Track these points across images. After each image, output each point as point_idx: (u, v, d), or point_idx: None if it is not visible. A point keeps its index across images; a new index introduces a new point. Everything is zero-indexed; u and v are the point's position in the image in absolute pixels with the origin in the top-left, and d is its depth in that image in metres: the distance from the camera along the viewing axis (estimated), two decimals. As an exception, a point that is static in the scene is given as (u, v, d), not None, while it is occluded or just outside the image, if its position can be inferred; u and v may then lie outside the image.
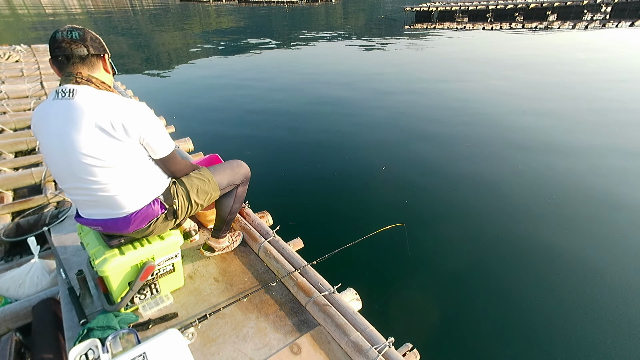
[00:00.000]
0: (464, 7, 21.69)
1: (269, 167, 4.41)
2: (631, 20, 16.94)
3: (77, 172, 1.20)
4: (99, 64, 1.27)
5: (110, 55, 1.33)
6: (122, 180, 1.26)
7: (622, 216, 3.37)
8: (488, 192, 3.82)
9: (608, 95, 6.77)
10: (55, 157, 1.21)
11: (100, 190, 1.25)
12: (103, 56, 1.28)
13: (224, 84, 8.59)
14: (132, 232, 1.40)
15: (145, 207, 1.36)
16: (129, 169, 1.26)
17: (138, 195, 1.33)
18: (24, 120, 4.09)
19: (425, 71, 9.44)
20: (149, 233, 1.46)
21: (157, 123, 1.28)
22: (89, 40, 1.22)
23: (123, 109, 1.19)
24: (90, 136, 1.15)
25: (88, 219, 1.36)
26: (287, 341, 1.48)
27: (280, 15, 29.32)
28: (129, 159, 1.24)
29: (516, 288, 2.66)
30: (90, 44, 1.22)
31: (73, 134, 1.15)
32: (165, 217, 1.45)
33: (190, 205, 1.54)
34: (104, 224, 1.36)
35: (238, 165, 1.76)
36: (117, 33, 19.00)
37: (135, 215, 1.35)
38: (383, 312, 2.45)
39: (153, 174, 1.37)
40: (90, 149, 1.16)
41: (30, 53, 7.82)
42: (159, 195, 1.41)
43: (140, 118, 1.22)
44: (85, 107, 1.15)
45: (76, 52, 1.19)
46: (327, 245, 1.91)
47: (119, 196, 1.28)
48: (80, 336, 1.34)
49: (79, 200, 1.32)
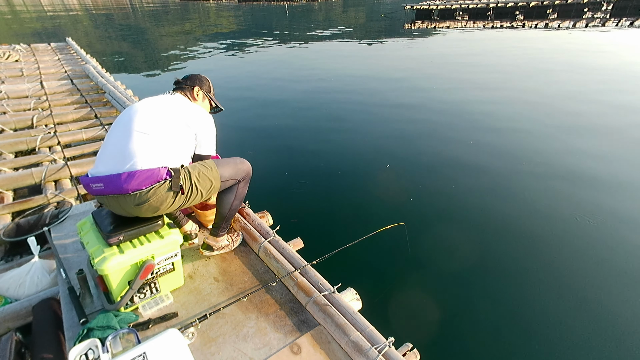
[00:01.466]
0: (465, 5, 21.65)
1: (269, 167, 4.41)
2: (632, 18, 16.90)
3: (135, 120, 1.51)
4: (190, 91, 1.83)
5: (211, 92, 1.94)
6: (156, 138, 1.49)
7: (622, 216, 3.37)
8: (488, 192, 3.82)
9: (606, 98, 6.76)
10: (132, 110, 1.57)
11: (136, 137, 1.46)
12: (193, 87, 1.84)
13: (224, 84, 8.58)
14: (131, 191, 1.39)
15: (152, 169, 1.43)
16: (167, 136, 1.53)
17: (156, 155, 1.47)
18: (24, 120, 4.08)
19: (426, 70, 9.42)
20: (146, 200, 1.42)
21: (212, 131, 1.75)
22: (189, 77, 1.88)
23: (196, 110, 1.71)
24: (166, 107, 1.61)
25: (93, 177, 1.44)
26: (287, 341, 1.48)
27: (280, 13, 29.28)
28: (173, 131, 1.56)
29: (516, 288, 2.66)
30: (187, 79, 1.87)
31: (158, 102, 1.63)
32: (168, 187, 1.46)
33: (192, 187, 1.54)
34: (108, 180, 1.40)
35: (241, 161, 1.77)
36: (117, 33, 18.98)
37: (141, 172, 1.40)
38: (383, 312, 2.45)
39: (177, 151, 1.56)
40: (158, 111, 1.57)
41: (30, 53, 7.81)
42: (169, 166, 1.49)
43: (202, 120, 1.69)
44: (176, 98, 1.71)
45: (179, 82, 1.85)
46: (327, 245, 1.91)
47: (144, 146, 1.45)
48: (80, 336, 1.34)
49: (107, 152, 1.51)
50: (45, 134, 3.66)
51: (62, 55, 7.64)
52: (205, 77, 1.92)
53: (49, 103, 4.64)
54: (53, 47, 8.75)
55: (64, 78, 5.82)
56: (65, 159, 3.20)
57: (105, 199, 1.47)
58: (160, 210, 1.50)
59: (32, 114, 4.20)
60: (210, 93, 1.92)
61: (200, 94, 1.86)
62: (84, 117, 4.31)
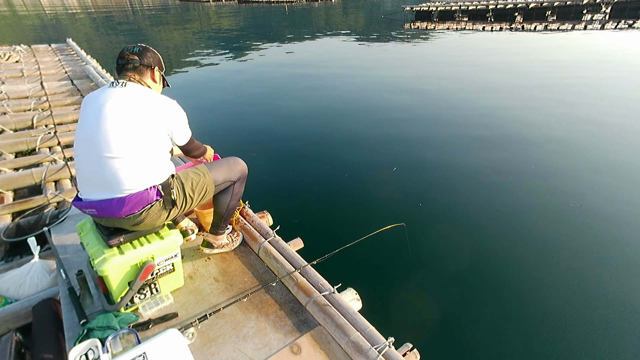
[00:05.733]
0: (464, 7, 21.69)
1: (269, 167, 4.40)
2: (631, 20, 16.94)
3: (100, 142, 1.34)
4: (147, 73, 1.55)
5: (163, 70, 1.63)
6: (131, 159, 1.36)
7: (623, 215, 3.37)
8: (488, 192, 3.82)
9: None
10: (88, 129, 1.37)
11: (109, 164, 1.34)
12: (153, 68, 1.56)
13: (224, 84, 8.58)
14: (124, 216, 1.38)
15: (141, 191, 1.39)
16: (141, 151, 1.38)
17: (139, 177, 1.39)
18: (24, 120, 4.08)
19: (426, 71, 9.43)
20: (141, 221, 1.43)
21: (184, 118, 1.54)
22: (145, 54, 1.53)
23: (160, 104, 1.45)
24: (125, 116, 1.35)
25: (85, 202, 1.41)
26: (287, 341, 1.48)
27: (279, 15, 29.32)
28: (146, 143, 1.39)
29: (516, 288, 2.66)
30: (144, 57, 1.52)
31: (113, 110, 1.35)
32: (161, 206, 1.45)
33: (185, 199, 1.54)
34: (99, 205, 1.37)
35: (235, 162, 1.76)
36: (117, 33, 19.00)
37: (130, 198, 1.37)
38: (383, 312, 2.45)
39: (158, 164, 1.46)
40: (120, 125, 1.34)
41: (30, 53, 7.81)
42: (157, 184, 1.44)
43: (172, 113, 1.48)
44: (132, 95, 1.40)
45: (131, 61, 1.50)
46: (327, 245, 1.91)
47: (122, 172, 1.35)
48: (80, 336, 1.34)
49: (85, 178, 1.41)
50: (45, 135, 3.66)
51: (62, 56, 7.64)
52: (157, 53, 1.62)
53: (49, 103, 4.64)
54: (53, 47, 8.76)
55: (64, 79, 5.82)
56: (65, 159, 3.19)
57: (102, 220, 1.46)
58: (158, 224, 1.52)
59: (32, 114, 4.20)
60: (163, 71, 1.64)
61: (158, 75, 1.59)
62: (84, 117, 4.30)
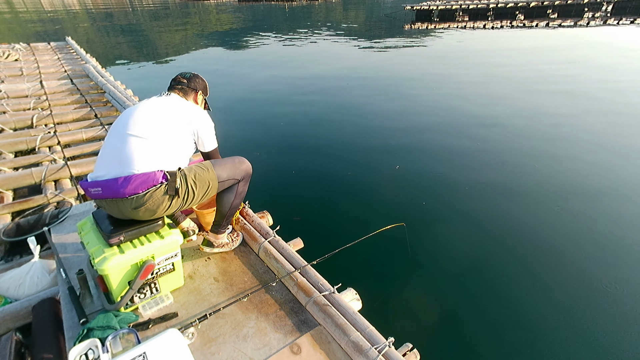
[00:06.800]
0: (465, 6, 21.63)
1: (269, 167, 4.41)
2: (632, 17, 16.90)
3: (129, 123, 1.51)
4: (192, 95, 1.80)
5: (207, 95, 1.91)
6: (151, 142, 1.49)
7: (623, 215, 3.37)
8: (488, 192, 3.82)
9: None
10: (124, 115, 1.58)
11: (130, 141, 1.47)
12: (198, 91, 1.82)
13: (224, 84, 8.57)
14: (127, 196, 1.40)
15: (149, 172, 1.44)
16: (162, 139, 1.53)
17: (152, 160, 1.47)
18: (24, 119, 4.08)
19: (427, 71, 9.42)
20: (143, 203, 1.43)
21: (211, 126, 1.75)
22: (193, 80, 1.82)
23: (192, 108, 1.70)
24: (159, 109, 1.60)
25: (92, 181, 1.46)
26: (287, 341, 1.48)
27: (279, 13, 29.27)
28: (169, 134, 1.56)
29: (516, 288, 2.66)
30: (191, 81, 1.81)
31: (151, 104, 1.62)
32: (164, 191, 1.47)
33: (187, 190, 1.54)
34: (105, 184, 1.42)
35: (240, 160, 1.76)
36: (117, 32, 18.97)
37: (137, 176, 1.41)
38: (383, 312, 2.45)
39: (173, 155, 1.56)
40: (151, 113, 1.57)
41: (29, 52, 7.80)
42: (165, 170, 1.49)
43: (200, 118, 1.69)
44: (171, 100, 1.68)
45: (181, 82, 1.79)
46: (327, 245, 1.91)
47: (139, 151, 1.46)
48: (80, 336, 1.34)
49: (103, 156, 1.53)
50: (45, 134, 3.66)
51: (61, 55, 7.63)
52: (205, 80, 1.90)
53: (49, 103, 4.63)
54: (53, 46, 8.74)
55: (63, 77, 5.82)
56: (65, 159, 3.19)
57: (104, 203, 1.47)
58: (158, 214, 1.51)
59: (31, 113, 4.19)
60: (207, 96, 1.93)
61: (200, 99, 1.85)
62: (83, 117, 4.31)
